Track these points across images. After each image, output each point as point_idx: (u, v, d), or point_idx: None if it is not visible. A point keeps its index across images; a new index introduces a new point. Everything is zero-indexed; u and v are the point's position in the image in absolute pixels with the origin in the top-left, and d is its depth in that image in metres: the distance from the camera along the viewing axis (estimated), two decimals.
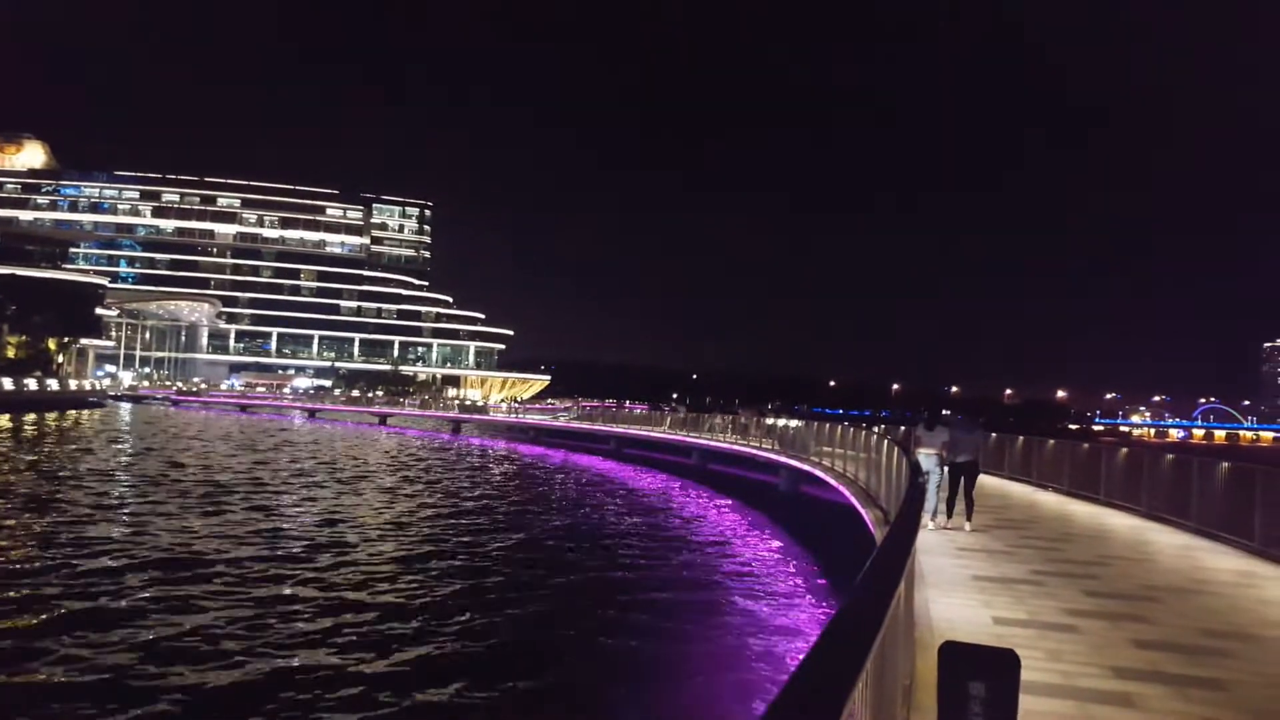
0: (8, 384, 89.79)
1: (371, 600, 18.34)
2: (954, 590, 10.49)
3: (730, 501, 38.72)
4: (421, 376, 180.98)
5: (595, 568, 23.02)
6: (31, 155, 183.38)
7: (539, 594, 19.64)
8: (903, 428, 27.36)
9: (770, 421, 45.97)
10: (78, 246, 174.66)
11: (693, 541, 28.31)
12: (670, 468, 51.35)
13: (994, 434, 27.79)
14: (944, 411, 16.36)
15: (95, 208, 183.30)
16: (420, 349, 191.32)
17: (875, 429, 27.79)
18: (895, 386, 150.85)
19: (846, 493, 22.89)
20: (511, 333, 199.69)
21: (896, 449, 18.16)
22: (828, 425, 33.97)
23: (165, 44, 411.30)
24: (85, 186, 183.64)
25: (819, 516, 27.80)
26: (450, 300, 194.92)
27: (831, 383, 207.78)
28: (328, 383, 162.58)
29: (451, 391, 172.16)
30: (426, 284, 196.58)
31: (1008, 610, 9.55)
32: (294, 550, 23.10)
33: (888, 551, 6.79)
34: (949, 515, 15.60)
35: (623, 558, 24.59)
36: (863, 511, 19.37)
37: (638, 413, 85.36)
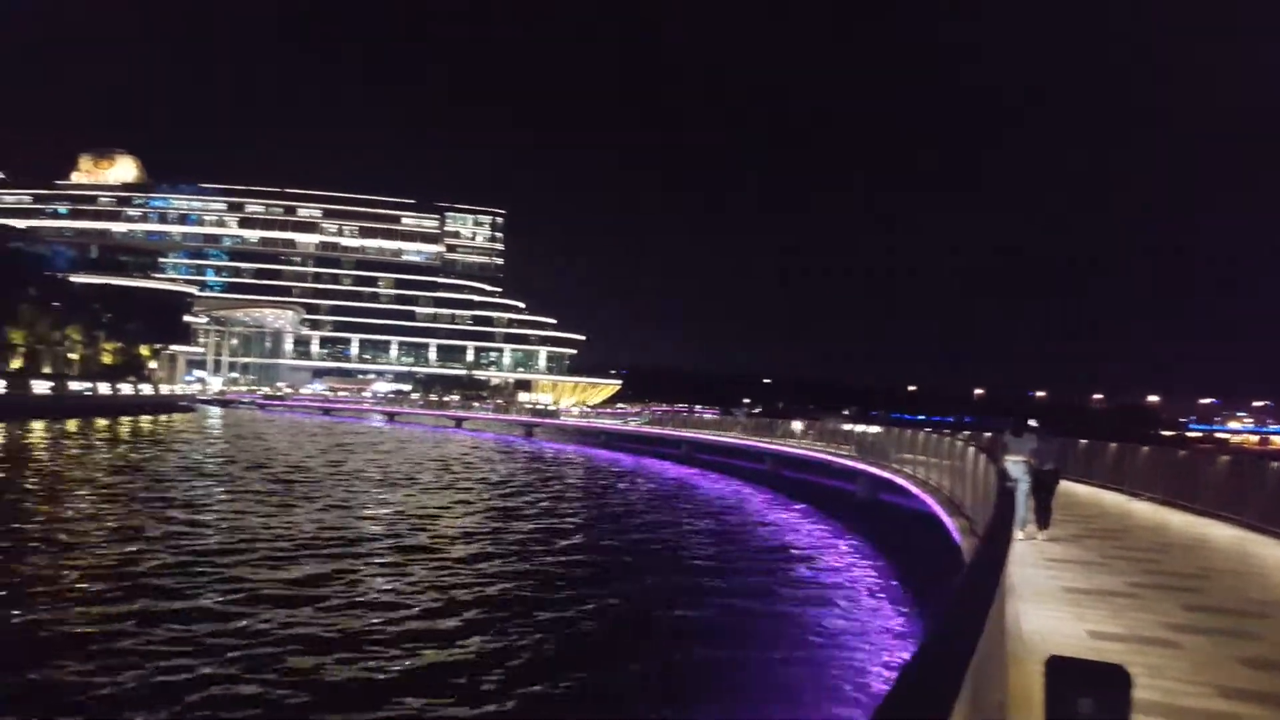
0: (104, 389, 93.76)
1: (446, 601, 18.64)
2: (1045, 602, 10.21)
3: (805, 508, 38.30)
4: (495, 381, 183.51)
5: (667, 572, 22.96)
6: (124, 170, 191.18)
7: (610, 600, 19.64)
8: (987, 434, 26.72)
9: (847, 427, 45.36)
10: (167, 256, 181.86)
11: (768, 549, 28.10)
12: (742, 473, 50.98)
13: (1084, 440, 26.96)
14: (1030, 421, 15.86)
15: (184, 219, 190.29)
16: (493, 354, 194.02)
17: (958, 435, 27.17)
18: (977, 391, 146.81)
19: (929, 500, 22.43)
20: (583, 338, 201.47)
21: (982, 456, 17.71)
22: (908, 431, 33.31)
23: (240, 56, 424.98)
24: (174, 199, 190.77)
25: (900, 525, 27.29)
26: (522, 306, 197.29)
27: (910, 387, 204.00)
28: (406, 387, 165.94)
29: (523, 396, 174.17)
30: (499, 290, 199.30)
31: (1103, 624, 9.23)
32: (373, 546, 23.67)
33: (981, 563, 6.67)
34: (1042, 525, 15.20)
35: (695, 563, 24.51)
36: (947, 520, 18.96)
37: (709, 418, 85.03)
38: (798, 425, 51.50)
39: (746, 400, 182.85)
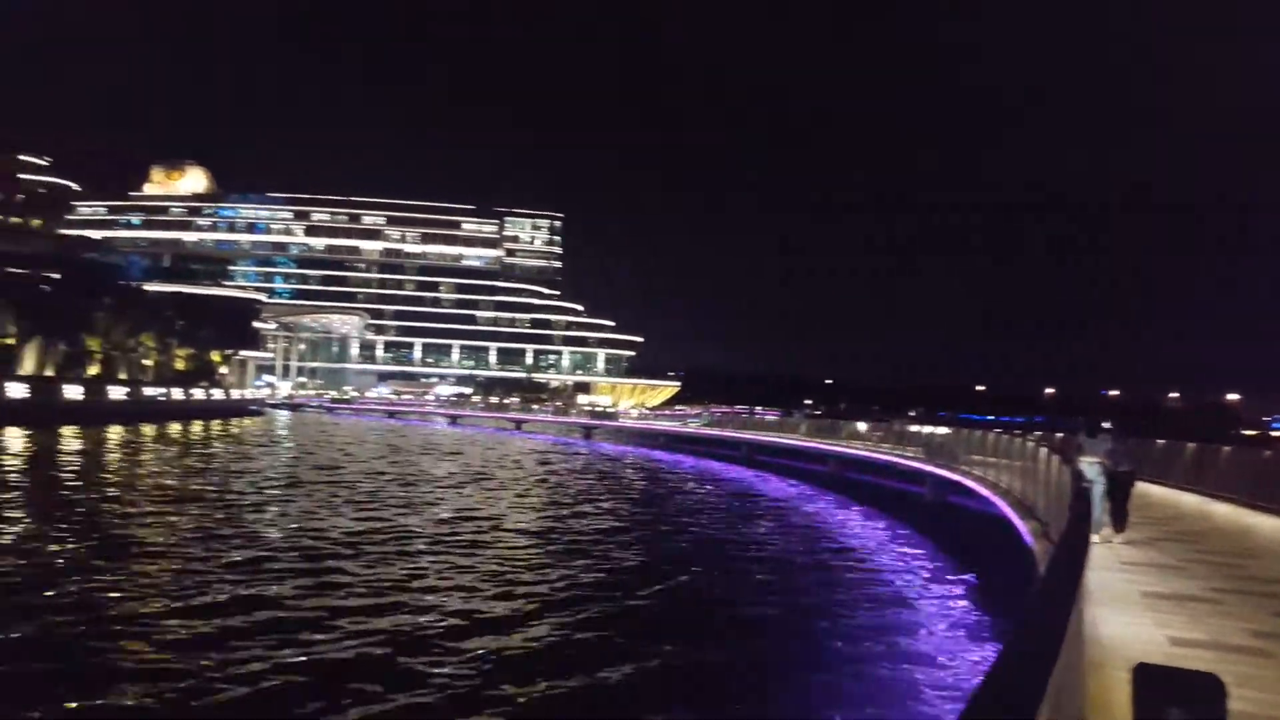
0: (177, 394, 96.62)
1: (511, 597, 18.82)
2: (1123, 607, 9.94)
3: (869, 510, 37.87)
4: (554, 383, 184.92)
5: (727, 577, 22.85)
6: (193, 180, 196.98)
7: (674, 603, 19.65)
8: (1059, 434, 26.11)
9: (913, 428, 44.69)
10: (237, 264, 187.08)
11: (833, 552, 27.84)
12: (804, 475, 50.55)
13: (1160, 440, 26.19)
14: (1104, 424, 15.47)
15: (252, 228, 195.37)
16: (552, 356, 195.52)
17: (1029, 436, 26.59)
18: (1048, 391, 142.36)
19: (1000, 503, 22.01)
20: (641, 339, 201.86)
21: (1055, 457, 17.36)
22: (976, 432, 32.70)
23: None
24: (242, 208, 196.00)
25: (969, 528, 26.79)
26: (580, 309, 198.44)
27: (979, 387, 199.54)
28: (467, 390, 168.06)
29: (582, 398, 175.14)
30: (558, 293, 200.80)
31: (1184, 630, 8.94)
32: (437, 544, 24.00)
33: (1059, 567, 6.51)
34: (1118, 527, 14.81)
35: (758, 566, 24.36)
36: (1018, 523, 18.60)
37: (770, 419, 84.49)
38: (862, 426, 50.87)
39: (808, 402, 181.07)
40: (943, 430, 39.45)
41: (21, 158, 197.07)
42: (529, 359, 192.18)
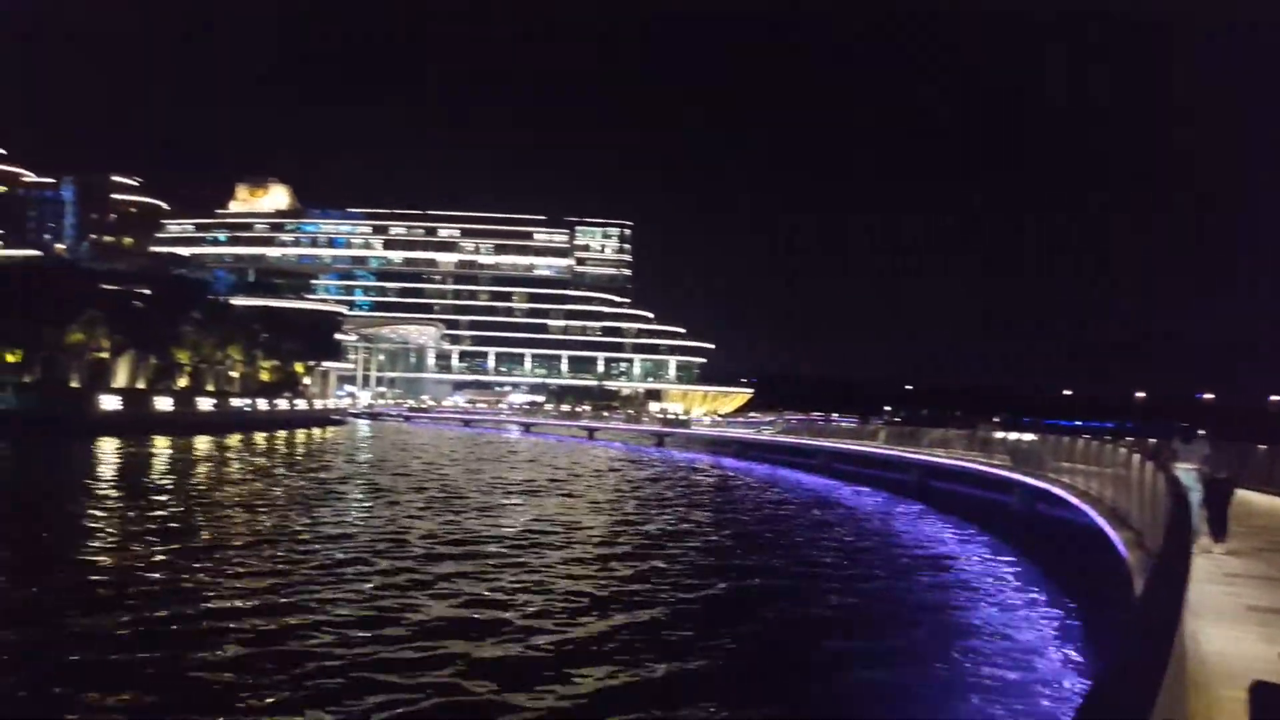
0: (262, 404, 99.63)
1: (587, 602, 18.82)
2: (1226, 622, 9.49)
3: (953, 520, 37.00)
4: (625, 391, 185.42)
5: (807, 591, 22.46)
6: (276, 197, 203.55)
7: (755, 617, 19.35)
8: (1152, 440, 25.16)
9: (999, 435, 43.50)
10: (319, 278, 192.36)
11: (918, 564, 27.29)
12: (885, 484, 49.60)
13: (1262, 446, 25.03)
14: (1198, 430, 14.85)
15: (332, 242, 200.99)
16: (623, 364, 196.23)
17: (1120, 442, 25.67)
18: (1139, 395, 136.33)
19: (1092, 512, 21.33)
20: (712, 346, 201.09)
21: (1149, 464, 16.75)
22: (1065, 438, 31.72)
23: (379, 81, 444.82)
24: (323, 224, 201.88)
25: (1059, 537, 25.96)
26: (651, 316, 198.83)
27: (1066, 391, 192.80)
28: (540, 398, 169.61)
29: (654, 405, 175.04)
30: (628, 301, 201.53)
31: None
32: (513, 549, 24.18)
33: (1159, 580, 6.23)
34: (1218, 537, 14.17)
35: (841, 579, 23.93)
36: (1111, 533, 17.99)
37: (846, 426, 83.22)
38: (943, 433, 49.70)
39: (887, 408, 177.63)
40: (1029, 436, 38.35)
41: (114, 178, 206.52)
42: (600, 367, 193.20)
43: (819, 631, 17.93)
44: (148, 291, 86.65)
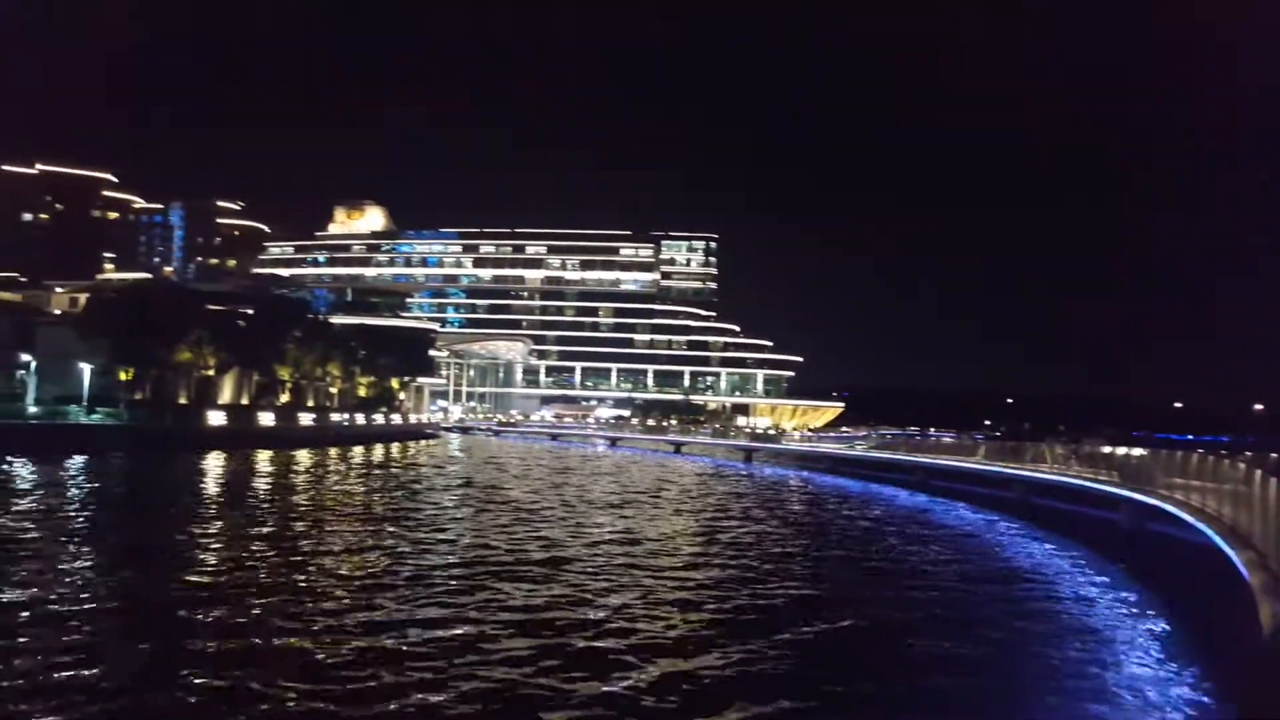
0: (359, 419, 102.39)
1: (677, 617, 18.53)
2: None
3: (1059, 539, 35.49)
4: (712, 405, 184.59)
5: (911, 613, 21.69)
6: (372, 219, 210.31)
7: (854, 646, 18.70)
8: (1274, 454, 23.71)
9: (1106, 449, 41.69)
10: (412, 296, 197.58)
11: (1020, 585, 26.20)
12: (985, 501, 47.97)
13: None
14: None
15: (425, 262, 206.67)
16: (709, 378, 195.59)
17: (1239, 457, 24.30)
18: (1257, 407, 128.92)
19: (1209, 531, 20.15)
20: (800, 359, 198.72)
21: (1273, 480, 15.75)
22: (1177, 453, 30.19)
23: (466, 103, 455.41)
24: (417, 244, 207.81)
25: (1173, 558, 24.61)
26: (737, 330, 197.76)
27: (1176, 404, 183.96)
28: (626, 412, 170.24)
29: (741, 420, 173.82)
30: (714, 314, 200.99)
31: None
32: (601, 561, 24.03)
33: None
34: None
35: (942, 601, 23.08)
36: (1230, 553, 16.96)
37: (945, 441, 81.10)
38: (1047, 448, 47.89)
39: (987, 422, 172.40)
40: (1138, 451, 36.64)
41: (219, 203, 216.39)
42: (686, 381, 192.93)
43: (915, 671, 17.15)
44: (251, 311, 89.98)
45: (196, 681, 13.72)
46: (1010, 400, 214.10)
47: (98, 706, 12.38)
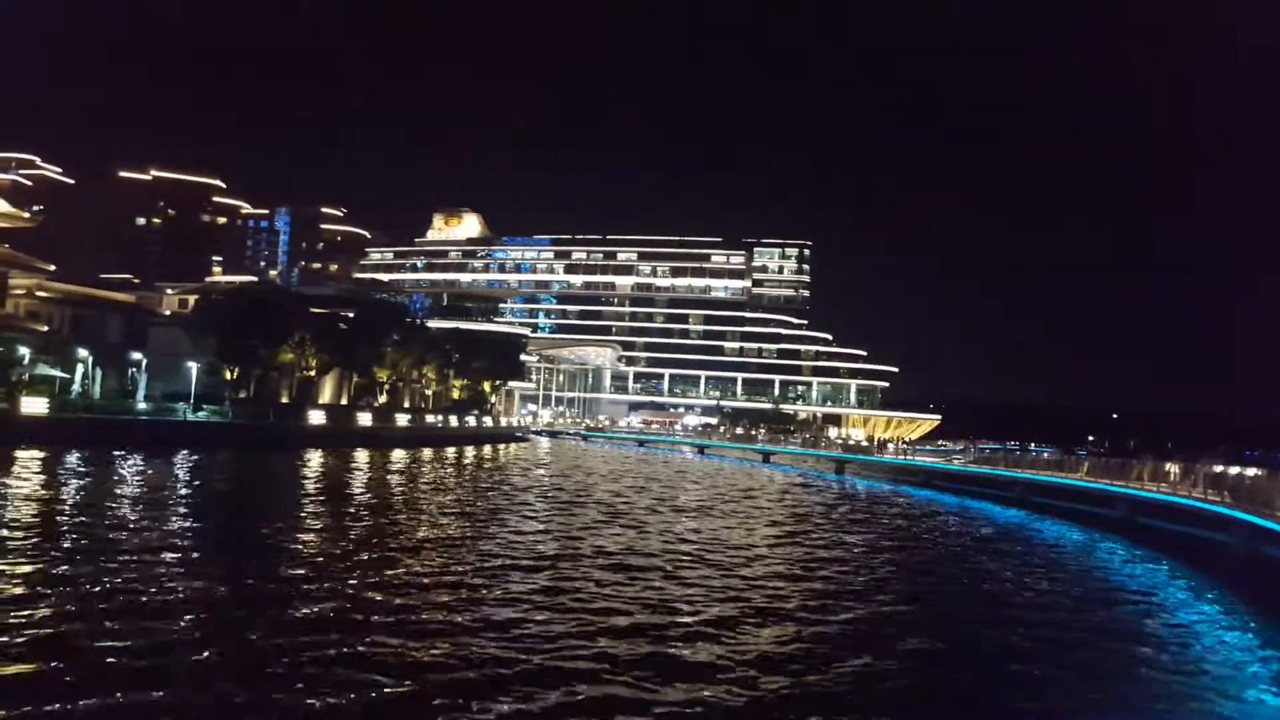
0: (453, 421, 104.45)
1: (764, 632, 18.16)
2: None
3: (1166, 560, 33.83)
4: (802, 415, 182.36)
5: (1005, 640, 20.81)
6: (469, 226, 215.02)
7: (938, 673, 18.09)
8: None
9: (1218, 468, 39.56)
10: (506, 302, 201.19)
11: (1125, 608, 24.97)
12: (1088, 519, 46.10)
13: None
14: None
15: (519, 268, 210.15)
16: (800, 388, 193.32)
17: None
18: None
19: None
20: (895, 370, 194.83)
21: None
22: None
23: (559, 108, 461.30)
24: (511, 250, 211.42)
25: None
26: (829, 339, 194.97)
27: None
28: (714, 420, 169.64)
29: (832, 431, 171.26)
30: (805, 323, 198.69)
31: None
32: (685, 572, 23.78)
33: None
34: None
35: (1039, 631, 22.09)
36: None
37: (1047, 456, 78.28)
38: (1156, 465, 45.75)
39: (1090, 438, 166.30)
40: (1252, 471, 34.61)
41: (323, 209, 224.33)
42: (776, 390, 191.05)
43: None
44: (351, 314, 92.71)
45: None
46: (1115, 416, 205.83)
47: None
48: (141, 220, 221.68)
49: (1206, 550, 32.42)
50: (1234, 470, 37.79)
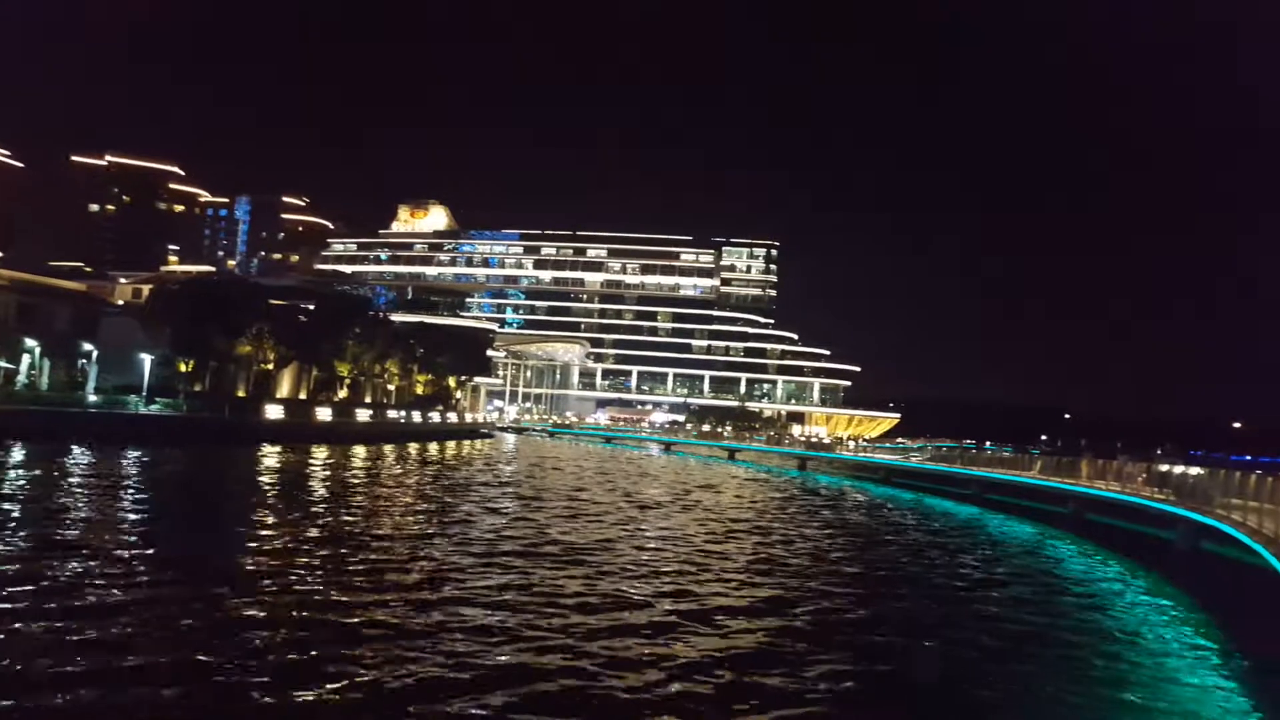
0: (416, 417, 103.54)
1: (708, 643, 18.10)
2: None
3: (1114, 557, 34.26)
4: (767, 413, 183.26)
5: (956, 632, 20.90)
6: (435, 218, 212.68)
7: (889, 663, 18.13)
8: None
9: (1164, 468, 40.31)
10: (472, 296, 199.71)
11: (1068, 604, 25.23)
12: (1040, 516, 46.78)
13: None
14: None
15: (486, 262, 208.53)
16: (765, 386, 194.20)
17: None
18: None
19: (1265, 552, 19.18)
20: (858, 369, 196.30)
21: None
22: (1237, 474, 28.94)
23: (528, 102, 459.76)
24: (478, 244, 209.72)
25: (1228, 579, 23.48)
26: (795, 338, 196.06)
27: (1236, 424, 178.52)
28: (680, 417, 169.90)
29: (796, 428, 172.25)
30: (772, 322, 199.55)
31: None
32: (647, 567, 23.67)
33: None
34: None
35: (986, 622, 22.23)
36: None
37: (1002, 455, 79.51)
38: (1104, 464, 46.57)
39: (1043, 437, 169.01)
40: (1195, 470, 35.29)
41: (285, 198, 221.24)
42: (742, 388, 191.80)
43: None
44: (312, 306, 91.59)
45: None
46: (1068, 416, 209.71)
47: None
48: (95, 207, 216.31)
49: (1153, 545, 32.96)
50: (1178, 469, 38.50)
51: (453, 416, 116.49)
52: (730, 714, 13.44)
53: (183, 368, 72.63)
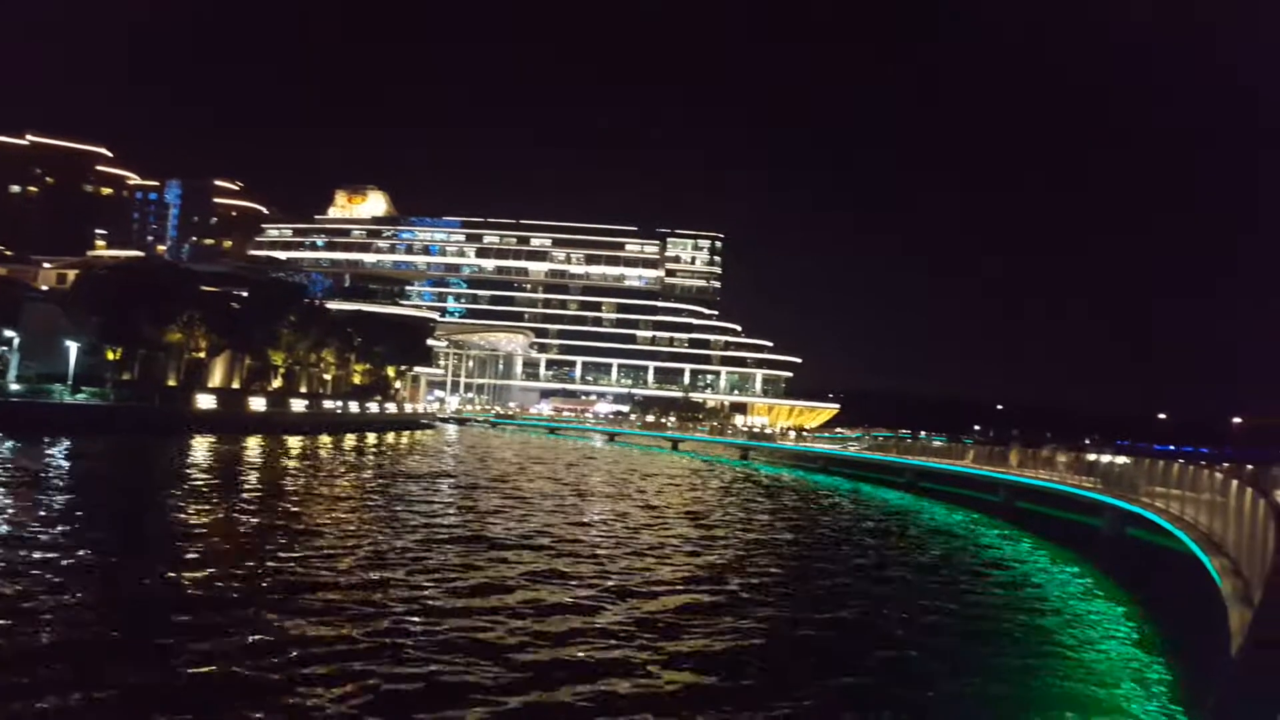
0: (354, 407, 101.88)
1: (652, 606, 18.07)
2: None
3: (1042, 542, 35.10)
4: (710, 403, 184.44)
5: (889, 612, 21.22)
6: (374, 204, 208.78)
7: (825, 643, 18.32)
8: (1249, 466, 23.43)
9: (1091, 457, 41.46)
10: (413, 284, 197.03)
11: (998, 589, 25.74)
12: (972, 503, 47.76)
13: None
14: None
15: (427, 250, 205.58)
16: (709, 376, 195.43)
17: (1217, 468, 24.01)
18: (1236, 420, 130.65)
19: (1185, 538, 19.84)
20: (799, 360, 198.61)
21: (1249, 491, 15.54)
22: (1159, 462, 29.87)
23: (482, 95, 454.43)
24: (419, 231, 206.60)
25: (1150, 563, 24.22)
26: (739, 329, 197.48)
27: (1160, 415, 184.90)
28: (625, 408, 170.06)
29: (739, 418, 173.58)
30: (716, 314, 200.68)
31: None
32: (588, 550, 23.55)
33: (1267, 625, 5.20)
34: None
35: (919, 603, 22.58)
36: (1205, 559, 16.68)
37: (936, 444, 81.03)
38: (1034, 453, 47.78)
39: (977, 427, 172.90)
40: (1121, 459, 36.39)
41: (217, 182, 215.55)
42: (686, 379, 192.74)
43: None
44: (245, 293, 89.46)
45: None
46: (1000, 407, 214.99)
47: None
48: (16, 188, 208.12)
49: (1080, 531, 33.84)
50: (1105, 458, 39.65)
51: (392, 407, 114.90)
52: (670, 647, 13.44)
53: (110, 356, 70.44)
